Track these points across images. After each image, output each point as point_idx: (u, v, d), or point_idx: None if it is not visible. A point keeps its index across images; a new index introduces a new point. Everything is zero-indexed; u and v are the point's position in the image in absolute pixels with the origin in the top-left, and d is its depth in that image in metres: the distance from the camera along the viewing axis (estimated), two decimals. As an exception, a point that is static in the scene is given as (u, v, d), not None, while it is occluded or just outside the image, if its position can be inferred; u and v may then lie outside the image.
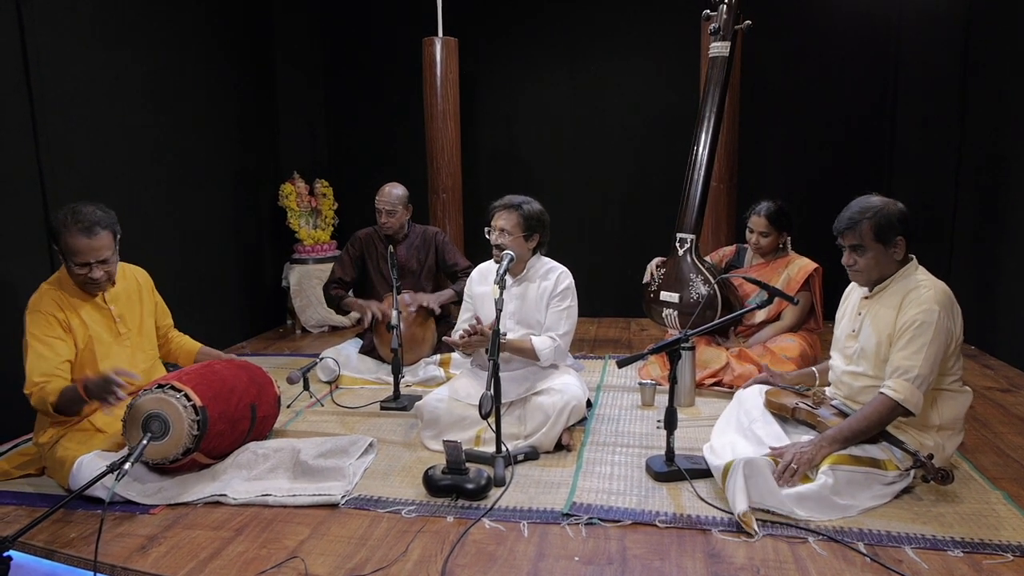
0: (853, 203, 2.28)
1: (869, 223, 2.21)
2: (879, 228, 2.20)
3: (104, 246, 2.33)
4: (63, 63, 3.20)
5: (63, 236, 2.29)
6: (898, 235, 2.19)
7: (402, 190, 3.79)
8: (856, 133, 4.75)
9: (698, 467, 2.35)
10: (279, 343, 4.64)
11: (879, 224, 2.19)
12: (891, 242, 2.20)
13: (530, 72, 5.13)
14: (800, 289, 3.39)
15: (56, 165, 3.14)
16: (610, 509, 2.15)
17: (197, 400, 2.25)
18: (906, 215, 2.21)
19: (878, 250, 2.21)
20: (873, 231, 2.20)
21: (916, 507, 2.12)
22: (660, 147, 4.94)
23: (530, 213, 2.82)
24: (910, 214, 2.23)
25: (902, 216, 2.21)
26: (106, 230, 2.33)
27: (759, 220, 3.45)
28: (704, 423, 2.86)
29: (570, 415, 2.62)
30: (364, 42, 5.36)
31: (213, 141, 4.38)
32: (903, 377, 2.12)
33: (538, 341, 2.77)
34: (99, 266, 2.34)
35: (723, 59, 3.60)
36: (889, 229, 2.19)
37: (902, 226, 2.20)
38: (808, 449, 2.13)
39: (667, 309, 3.61)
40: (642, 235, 4.94)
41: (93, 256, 2.31)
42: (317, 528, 2.10)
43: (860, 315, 2.35)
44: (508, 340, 2.72)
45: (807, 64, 4.75)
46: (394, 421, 3.02)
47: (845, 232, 2.26)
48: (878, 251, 2.22)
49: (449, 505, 2.21)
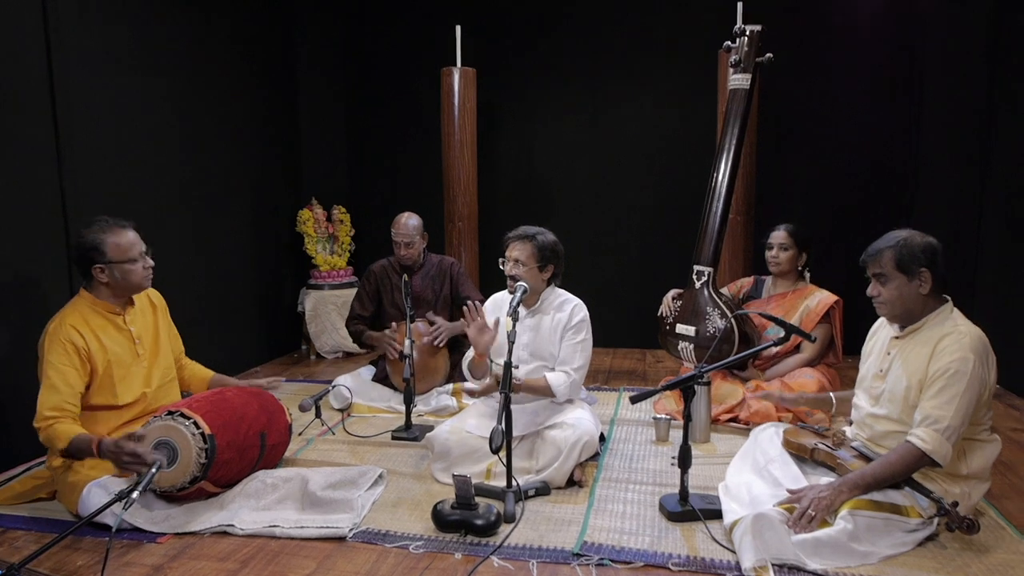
0: (885, 235, 2.25)
1: (891, 252, 2.17)
2: (901, 258, 2.15)
3: (140, 239, 2.49)
4: (89, 85, 3.27)
5: (108, 239, 2.40)
6: (922, 267, 2.14)
7: (417, 220, 3.80)
8: (877, 166, 4.71)
9: (713, 507, 2.30)
10: (293, 368, 4.65)
11: (901, 254, 2.16)
12: (914, 273, 2.15)
13: (548, 102, 5.16)
14: (820, 322, 3.34)
15: (79, 189, 3.19)
16: (622, 550, 2.10)
17: (206, 428, 2.24)
18: (933, 248, 2.16)
19: (900, 281, 2.17)
20: (895, 260, 2.16)
21: (940, 556, 2.04)
22: (678, 178, 4.93)
23: (544, 244, 2.80)
24: (941, 248, 2.17)
25: (927, 249, 2.16)
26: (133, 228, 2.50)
27: (779, 233, 3.46)
28: (719, 460, 2.80)
29: (582, 450, 2.58)
30: (385, 71, 5.44)
31: (234, 166, 4.44)
32: (933, 427, 2.05)
33: (553, 378, 2.73)
34: (146, 256, 2.48)
35: (743, 91, 3.60)
36: (911, 260, 2.15)
37: (927, 258, 2.15)
38: (827, 494, 2.06)
39: (683, 342, 3.57)
40: (659, 266, 4.91)
41: (141, 246, 2.48)
42: (323, 562, 2.07)
43: (889, 355, 2.29)
44: (523, 381, 2.68)
45: (828, 96, 4.73)
46: (405, 452, 2.99)
47: (868, 261, 2.23)
48: (901, 282, 2.17)
49: (458, 541, 2.17)
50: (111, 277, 2.42)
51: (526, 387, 2.70)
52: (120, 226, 2.43)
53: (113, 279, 2.43)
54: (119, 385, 2.46)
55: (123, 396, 2.47)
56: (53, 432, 2.24)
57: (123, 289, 2.48)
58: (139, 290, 2.53)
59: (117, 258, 2.40)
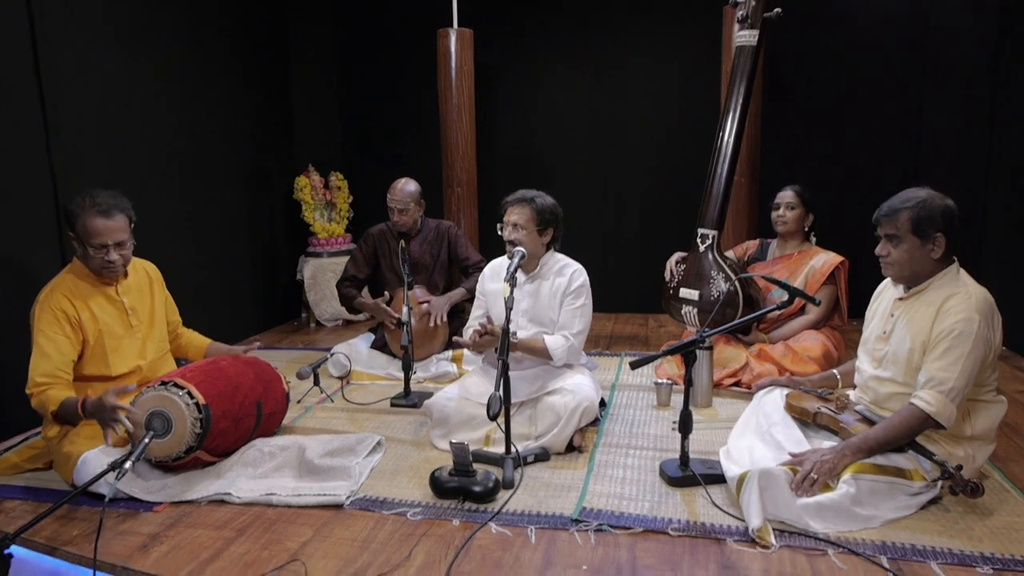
0: (901, 193, 2.17)
1: (908, 213, 2.10)
2: (918, 220, 2.08)
3: (120, 228, 2.36)
4: (74, 61, 3.18)
5: (81, 218, 2.31)
6: (938, 231, 2.08)
7: (414, 186, 3.73)
8: (884, 126, 4.60)
9: (713, 472, 2.27)
10: (293, 336, 4.62)
11: (919, 216, 2.08)
12: (929, 237, 2.09)
13: (548, 64, 5.04)
14: (825, 283, 3.29)
15: (69, 160, 3.13)
16: (621, 515, 2.08)
17: (200, 398, 2.21)
18: (951, 212, 2.09)
19: (913, 244, 2.10)
20: (911, 222, 2.09)
21: (943, 519, 2.02)
22: (681, 140, 4.83)
23: (543, 207, 2.74)
24: (958, 211, 2.10)
25: (946, 212, 2.08)
26: (122, 214, 2.37)
27: (786, 193, 3.43)
28: (721, 425, 2.77)
29: (582, 416, 2.55)
30: (379, 33, 5.31)
31: (227, 134, 4.36)
32: (937, 389, 2.01)
33: (551, 340, 2.70)
34: (116, 249, 2.36)
35: (750, 48, 3.48)
36: (929, 223, 2.08)
37: (944, 222, 2.08)
38: (830, 457, 2.03)
39: (687, 306, 3.52)
40: (661, 230, 4.84)
41: (111, 238, 2.34)
42: (320, 529, 2.05)
43: (893, 316, 2.24)
44: (520, 340, 2.65)
45: (833, 54, 4.61)
46: (403, 419, 2.97)
47: (883, 220, 2.15)
48: (913, 245, 2.10)
49: (456, 508, 2.15)
50: (80, 251, 2.38)
51: (523, 347, 2.66)
52: (100, 211, 2.30)
53: (80, 254, 2.40)
54: (111, 356, 2.43)
55: (116, 367, 2.44)
56: (45, 397, 2.23)
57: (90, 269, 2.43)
58: (98, 275, 2.42)
59: (82, 237, 2.34)
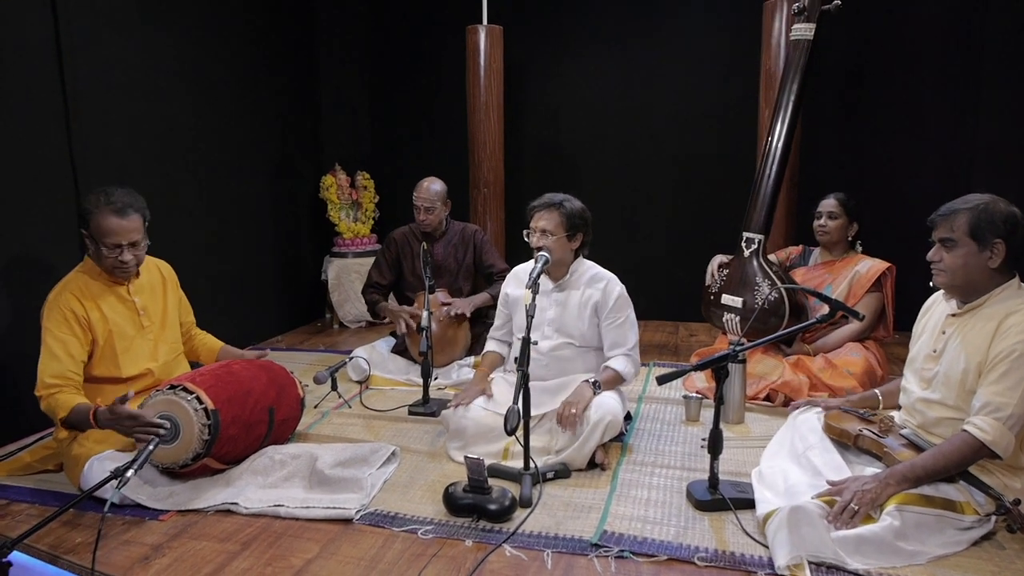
0: (963, 196, 2.02)
1: (967, 215, 1.94)
2: (977, 224, 1.93)
3: (135, 228, 2.31)
4: (97, 49, 3.16)
5: (95, 217, 2.27)
6: (998, 237, 1.92)
7: (440, 185, 3.64)
8: (936, 128, 4.35)
9: (745, 496, 2.13)
10: (315, 338, 4.57)
11: (979, 219, 1.92)
12: (987, 243, 1.92)
13: (578, 62, 4.91)
14: (870, 290, 3.11)
15: (89, 154, 3.11)
16: (644, 541, 1.95)
17: (209, 403, 2.14)
18: (1016, 219, 1.93)
19: (970, 249, 1.94)
20: (969, 224, 1.94)
21: (997, 558, 1.85)
22: (715, 141, 4.66)
23: (572, 211, 2.63)
24: (1022, 221, 1.94)
25: (1010, 218, 1.92)
26: (137, 213, 2.33)
27: (828, 201, 3.27)
28: (754, 443, 2.62)
29: (605, 431, 2.42)
30: (409, 30, 5.23)
31: (253, 131, 4.33)
32: (993, 415, 1.85)
33: (618, 364, 2.60)
34: (129, 249, 2.32)
35: (806, 43, 3.33)
36: (989, 227, 1.92)
37: (1006, 228, 1.91)
38: (873, 487, 1.88)
39: (728, 314, 3.37)
40: (692, 236, 4.68)
41: (125, 238, 2.29)
42: (327, 546, 1.97)
43: (944, 334, 2.07)
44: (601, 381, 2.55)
45: (882, 49, 4.38)
46: (421, 427, 2.87)
47: (939, 222, 2.00)
48: (970, 251, 1.94)
49: (469, 527, 2.05)
50: (93, 249, 2.34)
51: (607, 385, 2.56)
52: (114, 210, 2.26)
53: (91, 252, 2.35)
54: (122, 357, 2.38)
55: (127, 369, 2.39)
56: (55, 401, 2.19)
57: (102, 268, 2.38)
58: (110, 275, 2.38)
59: (95, 235, 2.30)
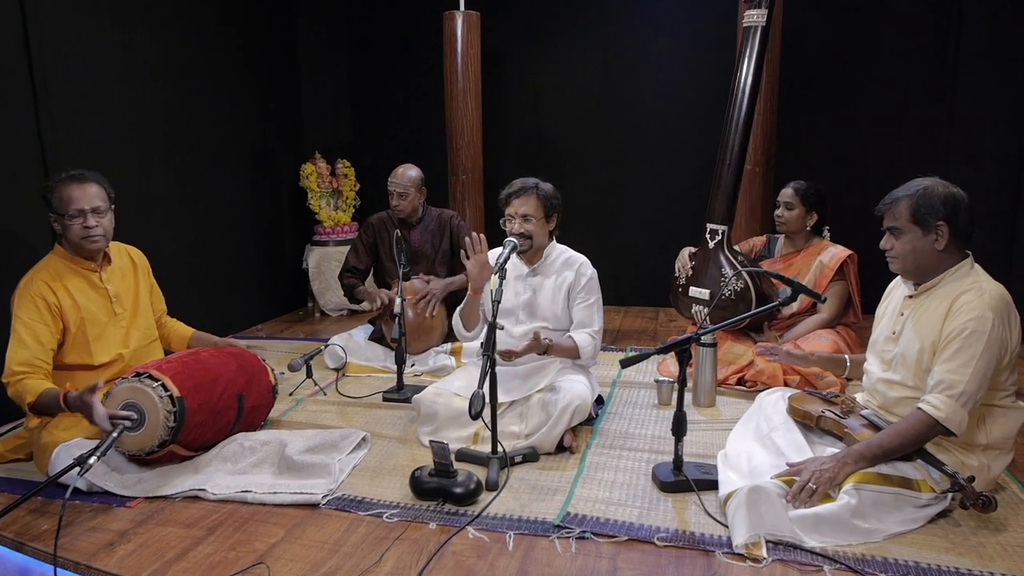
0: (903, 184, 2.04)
1: (907, 202, 1.97)
2: (917, 209, 1.95)
3: (95, 194, 2.33)
4: (66, 35, 3.13)
5: (56, 192, 2.29)
6: (940, 220, 1.94)
7: (416, 172, 3.64)
8: (910, 111, 4.37)
9: (709, 477, 2.15)
10: (296, 326, 4.57)
11: (918, 204, 1.95)
12: (930, 227, 1.95)
13: (557, 47, 4.88)
14: (834, 278, 3.14)
15: (61, 143, 3.09)
16: (606, 522, 1.97)
17: (175, 390, 2.15)
18: (954, 200, 1.94)
19: (915, 234, 1.97)
20: (910, 211, 1.96)
21: (952, 535, 1.88)
22: (694, 127, 4.65)
23: (547, 193, 2.65)
24: (967, 200, 1.96)
25: (948, 200, 1.94)
26: (95, 183, 2.35)
27: (785, 191, 3.27)
28: (723, 426, 2.64)
29: (573, 415, 2.44)
30: (388, 17, 5.19)
31: (231, 119, 4.30)
32: (946, 393, 1.87)
33: (580, 338, 2.60)
34: (93, 215, 2.31)
35: (759, 28, 3.32)
36: (928, 211, 1.94)
37: (946, 210, 1.93)
38: (830, 466, 1.90)
39: (696, 305, 3.38)
40: (674, 221, 4.68)
41: (87, 203, 2.30)
42: (292, 530, 1.98)
43: (902, 316, 2.10)
44: (554, 343, 2.55)
45: (858, 35, 4.39)
46: (394, 413, 2.89)
47: (884, 211, 2.04)
48: (915, 236, 1.97)
49: (434, 510, 2.06)
50: (60, 229, 2.34)
51: (557, 350, 2.57)
52: (73, 178, 2.30)
53: (60, 232, 2.35)
54: (94, 344, 2.38)
55: (99, 356, 2.39)
56: (22, 387, 2.18)
57: (72, 245, 2.37)
58: (83, 249, 2.36)
59: (58, 210, 2.30)
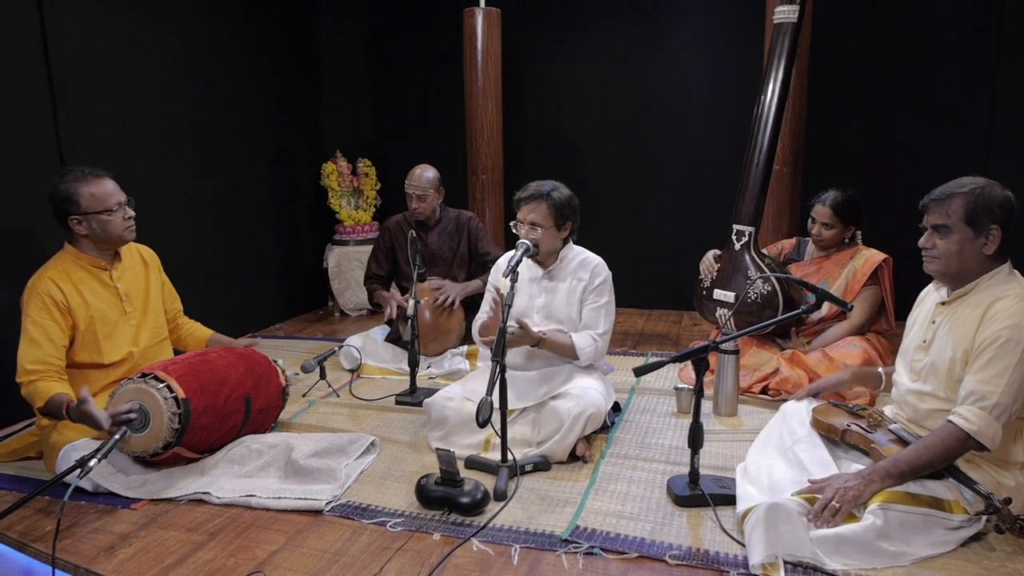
0: (955, 179, 1.92)
1: (962, 200, 1.85)
2: (973, 209, 1.83)
3: (118, 188, 2.38)
4: (84, 32, 3.13)
5: (81, 191, 2.30)
6: (994, 223, 1.82)
7: (433, 173, 3.59)
8: (946, 110, 4.19)
9: (726, 492, 2.06)
10: (314, 326, 4.56)
11: (974, 204, 1.83)
12: (983, 229, 1.83)
13: (578, 44, 4.79)
14: (867, 283, 3.01)
15: (78, 142, 3.10)
16: (616, 537, 1.89)
17: (180, 391, 2.12)
18: (1011, 203, 1.84)
19: (965, 236, 1.85)
20: (965, 209, 1.84)
21: (986, 560, 1.76)
22: (721, 125, 4.53)
23: (560, 201, 2.55)
24: (1017, 206, 1.85)
25: (1005, 203, 1.83)
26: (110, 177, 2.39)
27: (823, 209, 3.11)
28: (744, 437, 2.54)
29: (587, 423, 2.37)
30: (408, 13, 5.15)
31: (251, 117, 4.30)
32: (978, 405, 1.76)
33: (578, 338, 2.53)
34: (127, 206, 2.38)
35: (790, 25, 3.20)
36: (985, 213, 1.82)
37: (1002, 213, 1.82)
38: (855, 484, 1.80)
39: (721, 309, 3.28)
40: (699, 222, 4.56)
41: (119, 196, 2.36)
42: (294, 537, 1.94)
43: (934, 324, 1.98)
44: (547, 336, 2.49)
45: (893, 31, 4.22)
46: (406, 417, 2.84)
47: (932, 207, 1.91)
48: (965, 237, 1.85)
49: (439, 520, 2.01)
50: (89, 229, 2.33)
51: (549, 344, 2.50)
52: (95, 175, 2.32)
53: (92, 231, 2.34)
54: (104, 343, 2.38)
55: (109, 354, 2.39)
56: (34, 389, 2.19)
57: (104, 242, 2.38)
58: (121, 242, 2.42)
59: (93, 208, 2.30)
